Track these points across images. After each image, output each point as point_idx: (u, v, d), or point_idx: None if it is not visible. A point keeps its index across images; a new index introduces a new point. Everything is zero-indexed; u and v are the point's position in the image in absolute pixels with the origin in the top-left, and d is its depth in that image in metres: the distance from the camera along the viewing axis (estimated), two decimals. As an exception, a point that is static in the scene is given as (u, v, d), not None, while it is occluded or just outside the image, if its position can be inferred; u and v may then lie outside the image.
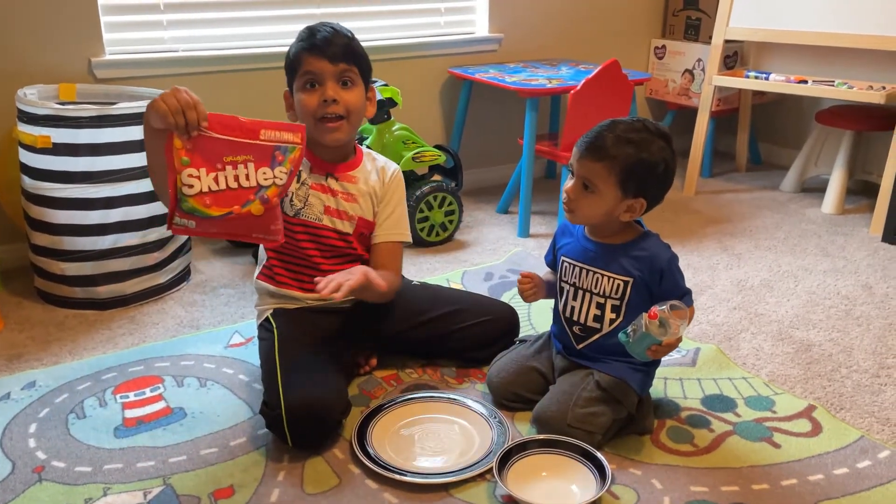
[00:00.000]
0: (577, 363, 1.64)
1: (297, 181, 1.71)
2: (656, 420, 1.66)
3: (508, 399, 1.68)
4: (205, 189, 1.37)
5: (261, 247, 1.80)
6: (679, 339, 1.47)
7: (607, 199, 1.52)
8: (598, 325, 1.60)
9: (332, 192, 1.73)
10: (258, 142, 1.37)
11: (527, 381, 1.67)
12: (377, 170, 1.80)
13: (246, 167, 1.37)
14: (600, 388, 1.55)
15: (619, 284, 1.56)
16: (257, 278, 1.81)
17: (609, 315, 1.58)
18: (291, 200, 1.70)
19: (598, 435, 1.53)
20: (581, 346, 1.62)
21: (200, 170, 1.37)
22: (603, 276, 1.57)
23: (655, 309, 1.43)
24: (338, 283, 1.50)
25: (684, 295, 1.55)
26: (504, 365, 1.71)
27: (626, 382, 1.56)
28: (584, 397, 1.54)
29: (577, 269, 1.61)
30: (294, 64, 1.68)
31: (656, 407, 1.70)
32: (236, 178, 1.37)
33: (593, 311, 1.59)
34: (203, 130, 1.37)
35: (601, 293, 1.58)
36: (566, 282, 1.63)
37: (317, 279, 1.53)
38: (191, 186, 1.37)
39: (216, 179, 1.37)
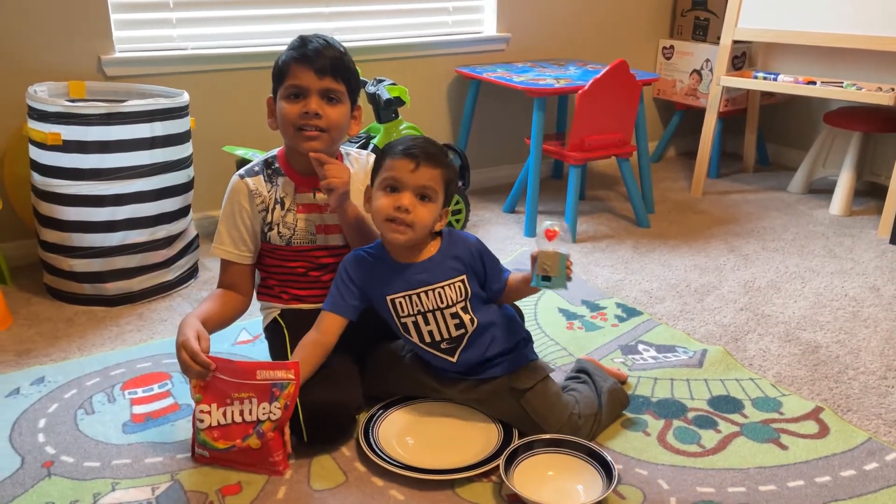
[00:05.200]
0: (470, 380, 1.61)
1: (282, 209, 1.67)
2: (663, 420, 1.67)
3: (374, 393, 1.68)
4: (214, 423, 1.49)
5: None
6: None
7: (438, 206, 1.54)
8: (463, 331, 1.56)
9: (320, 209, 1.69)
10: (256, 381, 1.47)
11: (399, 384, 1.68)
12: (356, 163, 1.75)
13: (250, 402, 1.48)
14: (523, 393, 1.55)
15: (458, 285, 1.56)
16: (259, 298, 1.79)
17: (465, 317, 1.56)
18: (279, 231, 1.67)
19: (578, 415, 1.55)
20: (457, 355, 1.58)
21: (211, 405, 1.49)
22: (443, 287, 1.55)
23: (546, 228, 1.46)
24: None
25: (506, 270, 1.62)
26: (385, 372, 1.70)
27: (525, 363, 1.59)
28: (535, 419, 1.54)
29: (414, 298, 1.55)
30: (281, 72, 1.62)
31: (663, 407, 1.71)
32: (241, 413, 1.48)
33: (451, 321, 1.55)
34: (213, 373, 1.50)
35: (449, 303, 1.55)
36: (407, 316, 1.56)
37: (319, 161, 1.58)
38: (202, 421, 1.49)
39: (224, 414, 1.49)
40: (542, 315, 2.15)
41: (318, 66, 1.58)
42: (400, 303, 1.56)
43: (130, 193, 2.16)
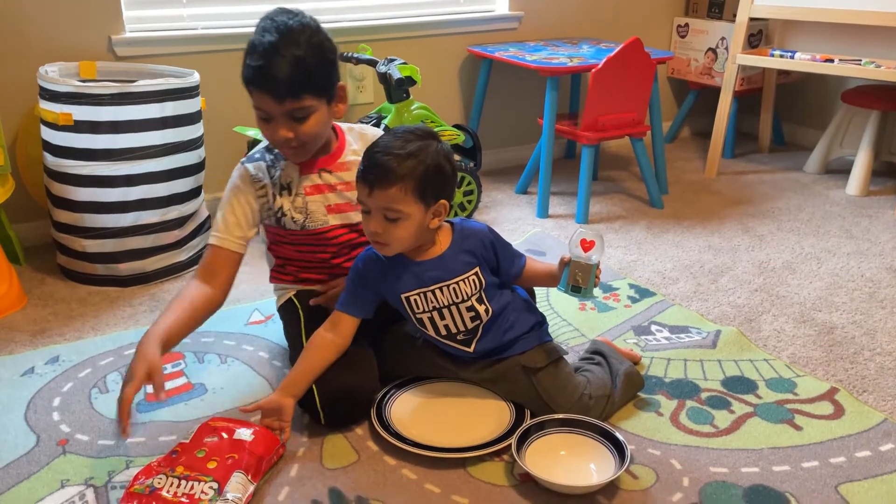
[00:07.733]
0: (484, 361, 1.61)
1: (290, 194, 1.64)
2: (676, 400, 1.66)
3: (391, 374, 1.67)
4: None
5: (266, 251, 1.77)
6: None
7: (415, 216, 1.45)
8: (478, 322, 1.55)
9: (331, 188, 1.67)
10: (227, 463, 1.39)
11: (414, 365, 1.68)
12: (360, 140, 1.71)
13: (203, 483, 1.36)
14: (535, 372, 1.55)
15: (472, 279, 1.53)
16: (273, 281, 1.80)
17: (481, 308, 1.54)
18: (292, 216, 1.64)
19: (589, 396, 1.56)
20: (474, 345, 1.58)
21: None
22: (458, 283, 1.52)
23: (582, 238, 1.47)
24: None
25: (521, 256, 1.61)
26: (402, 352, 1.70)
27: (536, 344, 1.59)
28: (545, 399, 1.54)
29: (429, 295, 1.53)
30: (245, 84, 1.54)
31: (677, 387, 1.70)
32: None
33: (466, 315, 1.54)
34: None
35: (464, 298, 1.52)
36: (423, 312, 1.54)
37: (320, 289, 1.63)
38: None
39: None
40: (554, 296, 2.14)
41: (274, 92, 1.48)
42: (415, 300, 1.54)
43: (142, 174, 2.16)
